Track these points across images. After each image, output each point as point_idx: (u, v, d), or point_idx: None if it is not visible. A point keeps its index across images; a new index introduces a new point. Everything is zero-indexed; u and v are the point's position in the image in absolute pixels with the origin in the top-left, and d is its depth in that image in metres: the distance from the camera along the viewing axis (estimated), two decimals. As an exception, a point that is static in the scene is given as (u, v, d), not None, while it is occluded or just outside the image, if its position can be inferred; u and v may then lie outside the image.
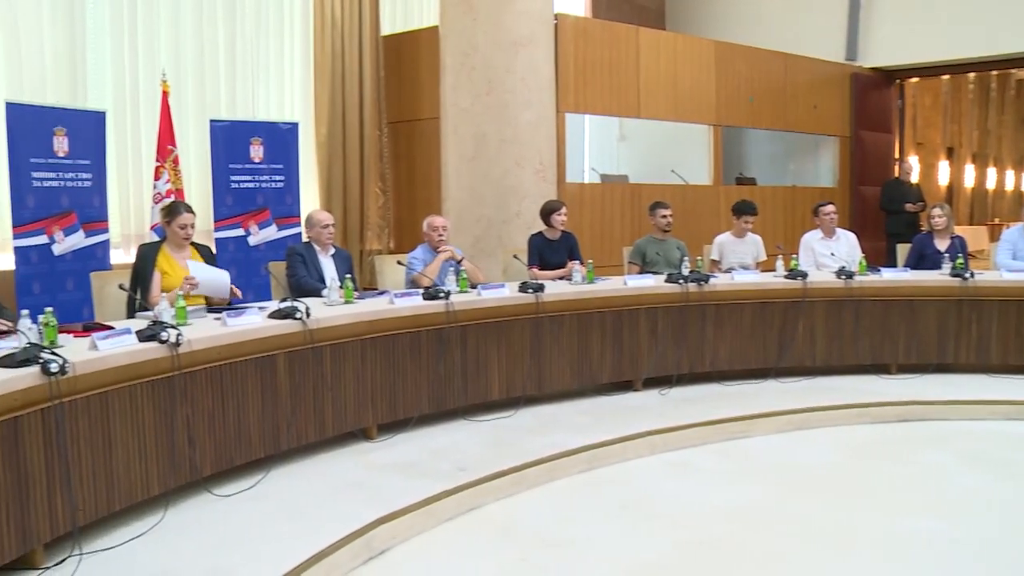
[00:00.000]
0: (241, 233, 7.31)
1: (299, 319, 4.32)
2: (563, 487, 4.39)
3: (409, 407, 4.91)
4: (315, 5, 8.50)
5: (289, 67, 8.66)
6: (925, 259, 6.84)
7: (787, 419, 5.36)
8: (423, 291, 5.15)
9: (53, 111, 6.06)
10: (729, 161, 10.09)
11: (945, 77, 15.23)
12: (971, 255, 7.34)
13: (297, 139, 7.67)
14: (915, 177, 10.68)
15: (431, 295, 5.05)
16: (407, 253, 6.10)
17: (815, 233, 7.13)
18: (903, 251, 7.23)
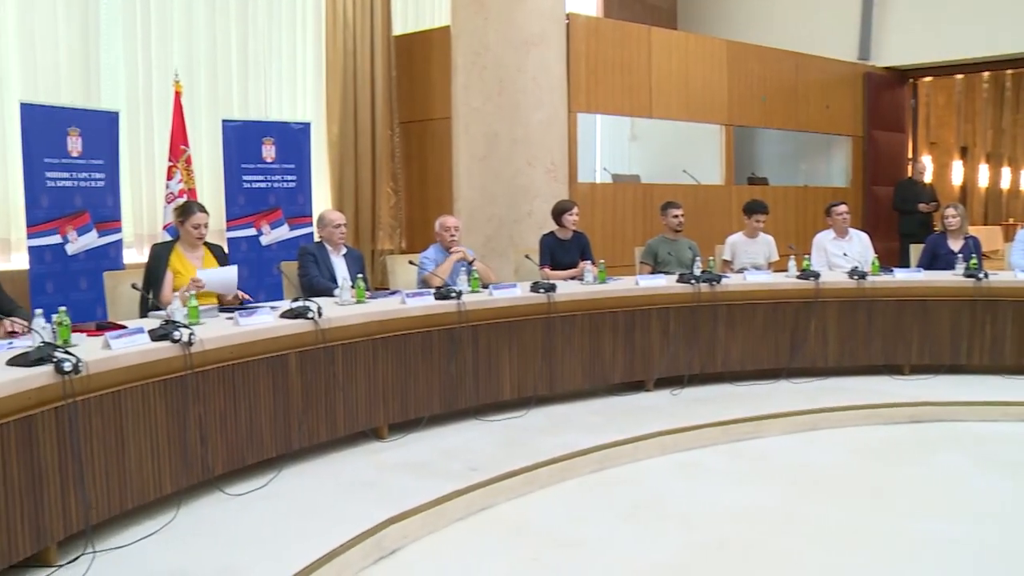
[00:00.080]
0: (253, 233, 7.34)
1: (311, 319, 4.33)
2: (575, 487, 4.38)
3: (420, 407, 4.92)
4: (327, 5, 8.53)
5: (301, 67, 8.68)
6: (938, 259, 6.80)
7: (799, 420, 5.33)
8: (435, 291, 5.15)
9: (67, 111, 6.10)
10: (741, 161, 10.06)
11: (959, 76, 15.10)
12: (985, 255, 7.30)
13: (309, 139, 7.70)
14: (928, 177, 10.62)
15: (443, 295, 5.06)
16: (419, 253, 6.10)
17: (827, 233, 7.11)
18: (916, 251, 7.18)
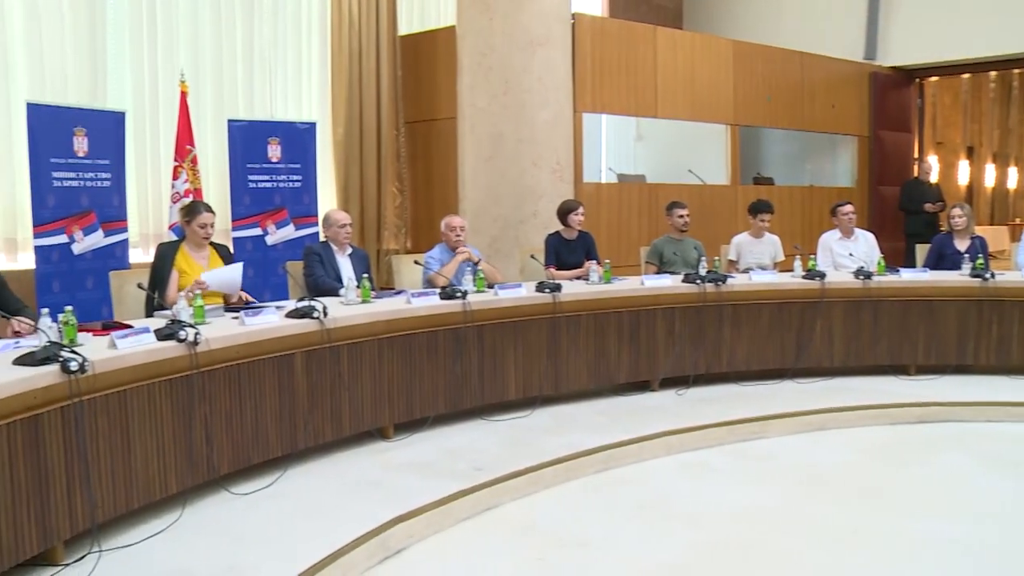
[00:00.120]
0: (259, 233, 7.35)
1: (316, 318, 4.33)
2: (580, 487, 4.38)
3: (426, 407, 4.92)
4: (332, 5, 8.53)
5: (307, 67, 8.69)
6: (944, 259, 6.79)
7: (804, 420, 5.33)
8: (440, 291, 5.15)
9: (73, 111, 6.13)
10: (746, 161, 10.04)
11: (965, 76, 15.05)
12: (991, 255, 7.29)
13: (314, 139, 7.71)
14: (934, 177, 10.61)
15: (448, 295, 5.05)
16: (424, 253, 6.11)
17: (833, 233, 7.09)
18: (922, 251, 7.17)
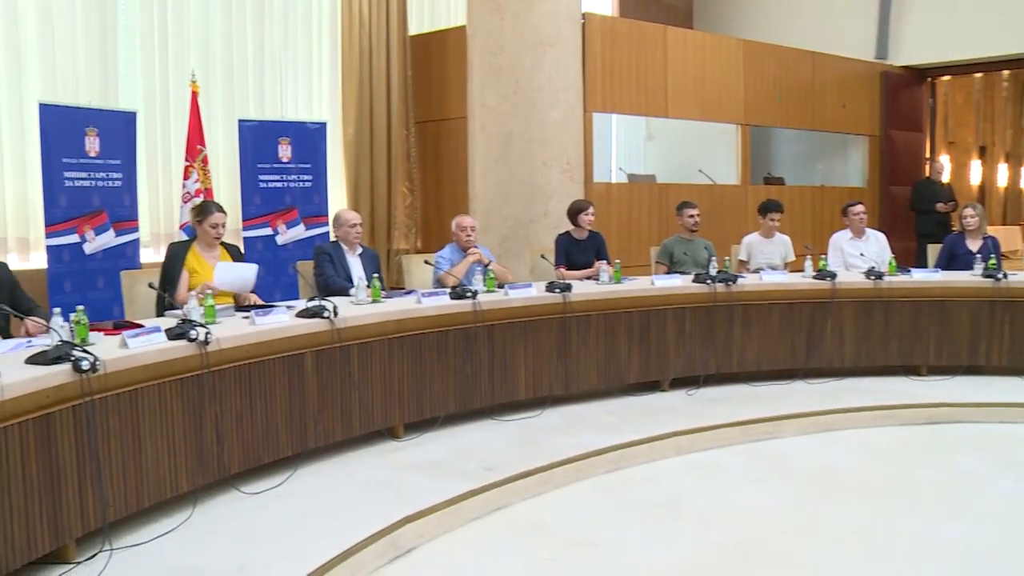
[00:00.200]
0: (269, 232, 7.37)
1: (327, 318, 4.34)
2: (590, 487, 4.37)
3: (436, 406, 4.92)
4: (343, 5, 8.54)
5: (317, 67, 8.71)
6: (956, 259, 6.75)
7: (815, 420, 5.31)
8: (450, 291, 5.15)
9: (85, 111, 6.15)
10: (757, 161, 10.01)
11: (978, 75, 14.93)
12: (1004, 255, 7.24)
13: (325, 139, 7.72)
14: (946, 177, 10.56)
15: (458, 295, 5.05)
16: (434, 253, 6.11)
17: (844, 233, 7.07)
18: (934, 251, 7.14)
